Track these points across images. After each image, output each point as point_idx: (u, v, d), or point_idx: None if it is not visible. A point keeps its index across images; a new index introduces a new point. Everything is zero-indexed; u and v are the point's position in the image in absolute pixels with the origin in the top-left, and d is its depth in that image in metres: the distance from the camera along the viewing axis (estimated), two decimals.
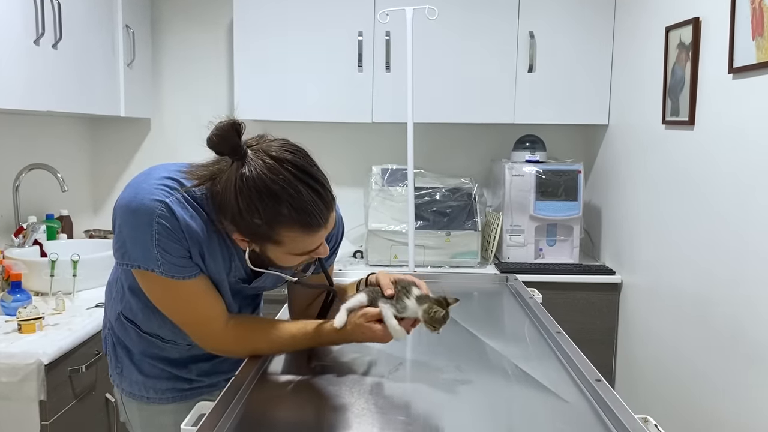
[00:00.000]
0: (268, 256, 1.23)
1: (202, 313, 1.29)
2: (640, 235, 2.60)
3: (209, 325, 1.30)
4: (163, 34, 3.26)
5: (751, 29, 1.79)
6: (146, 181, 1.22)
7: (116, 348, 1.45)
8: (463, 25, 2.92)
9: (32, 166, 2.57)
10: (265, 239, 1.18)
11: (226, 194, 1.14)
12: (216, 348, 1.34)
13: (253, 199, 1.12)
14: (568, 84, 2.95)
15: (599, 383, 1.21)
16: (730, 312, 1.93)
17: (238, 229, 1.18)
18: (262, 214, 1.13)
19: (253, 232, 1.17)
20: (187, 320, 1.30)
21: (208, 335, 1.31)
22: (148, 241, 1.18)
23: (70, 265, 2.19)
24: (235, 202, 1.13)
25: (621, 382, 2.79)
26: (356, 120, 2.97)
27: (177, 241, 1.20)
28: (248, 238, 1.20)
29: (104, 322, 1.49)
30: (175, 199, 1.20)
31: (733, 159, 1.92)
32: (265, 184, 1.12)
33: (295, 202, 1.14)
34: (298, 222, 1.15)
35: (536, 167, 2.91)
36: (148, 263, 1.20)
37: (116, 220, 1.22)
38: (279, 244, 1.18)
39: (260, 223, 1.14)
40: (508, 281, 2.16)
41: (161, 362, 1.42)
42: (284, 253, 1.21)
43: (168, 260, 1.20)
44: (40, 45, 2.15)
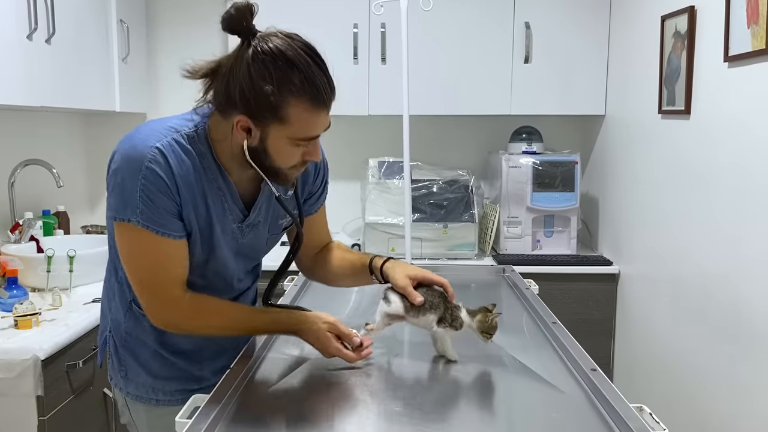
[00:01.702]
0: (268, 148, 1.21)
1: (165, 275, 1.26)
2: (637, 226, 2.60)
3: (168, 290, 1.26)
4: (158, 28, 3.25)
5: (746, 17, 1.78)
6: (146, 126, 1.26)
7: (119, 350, 1.42)
8: (458, 16, 2.90)
9: (27, 162, 2.57)
10: (271, 114, 1.17)
11: (237, 67, 1.16)
12: (167, 319, 1.29)
13: (266, 63, 1.14)
14: (564, 75, 2.95)
15: (595, 373, 1.21)
16: (727, 302, 1.93)
17: (244, 105, 1.17)
18: (274, 78, 1.14)
19: (261, 103, 1.16)
20: (148, 280, 1.26)
21: (163, 301, 1.27)
22: (132, 188, 1.19)
23: (66, 260, 2.19)
24: (247, 70, 1.15)
25: (619, 372, 2.80)
26: (352, 113, 2.96)
27: (165, 192, 1.21)
28: (253, 114, 1.17)
29: (102, 325, 1.47)
30: (170, 140, 1.22)
31: (730, 148, 1.92)
32: (280, 50, 1.15)
33: (307, 72, 1.16)
34: (307, 93, 1.16)
35: (533, 158, 2.90)
36: (125, 212, 1.20)
37: (109, 170, 1.24)
38: (283, 122, 1.18)
39: (270, 91, 1.14)
40: (505, 273, 2.16)
41: (174, 355, 1.40)
42: (286, 138, 1.20)
43: (150, 210, 1.20)
44: (33, 40, 2.14)
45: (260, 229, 1.40)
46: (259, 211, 1.37)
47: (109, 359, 1.45)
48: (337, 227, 3.25)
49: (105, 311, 1.45)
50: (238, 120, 1.19)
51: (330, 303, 1.80)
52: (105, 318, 1.45)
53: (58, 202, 2.91)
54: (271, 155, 1.23)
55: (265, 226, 1.41)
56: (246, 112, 1.17)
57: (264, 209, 1.38)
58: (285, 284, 2.02)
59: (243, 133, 1.21)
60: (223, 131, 1.25)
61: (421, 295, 1.33)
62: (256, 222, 1.38)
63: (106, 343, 1.45)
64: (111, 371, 1.46)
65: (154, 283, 1.26)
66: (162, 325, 1.31)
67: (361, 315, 1.67)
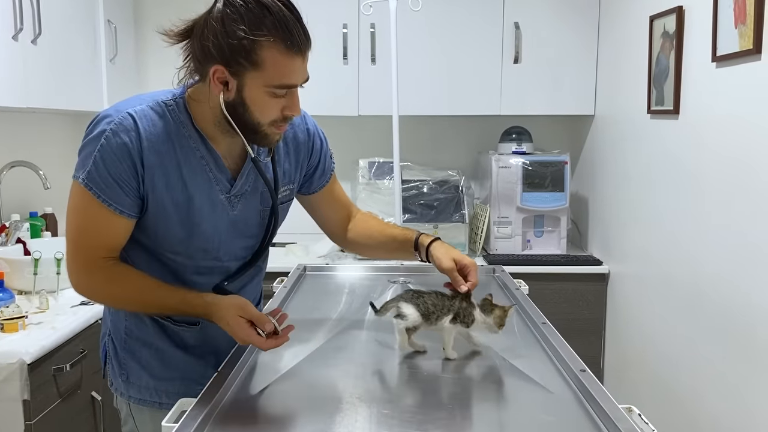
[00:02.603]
0: (246, 99, 1.20)
1: (91, 240, 1.26)
2: (627, 225, 2.61)
3: (91, 252, 1.26)
4: (146, 28, 3.23)
5: (734, 17, 1.79)
6: (130, 98, 1.30)
7: (119, 353, 1.40)
8: (448, 16, 2.90)
9: (14, 164, 2.54)
10: (246, 58, 1.16)
11: (210, 18, 1.17)
12: (82, 280, 1.28)
13: (238, 7, 1.15)
14: (553, 75, 2.95)
15: (584, 374, 1.21)
16: (717, 301, 1.93)
17: (218, 52, 1.16)
18: (246, 20, 1.14)
19: (234, 48, 1.15)
20: (76, 240, 1.27)
21: (84, 263, 1.26)
22: (91, 150, 1.21)
23: (53, 263, 2.17)
24: (220, 16, 1.15)
25: (609, 371, 2.80)
26: (342, 113, 2.95)
27: (125, 158, 1.21)
28: (228, 61, 1.17)
29: (102, 331, 1.45)
30: (144, 107, 1.25)
31: (718, 147, 1.92)
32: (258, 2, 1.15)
33: (279, 15, 1.15)
34: (280, 35, 1.16)
35: (523, 159, 2.90)
36: (78, 172, 1.22)
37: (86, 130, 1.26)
38: (258, 67, 1.16)
39: (243, 34, 1.14)
40: (495, 273, 2.16)
41: (178, 350, 1.38)
42: (263, 87, 1.19)
43: (99, 174, 1.20)
44: (18, 40, 2.12)
45: (250, 200, 1.37)
46: (246, 179, 1.34)
47: (109, 365, 1.43)
48: None
49: (105, 316, 1.45)
50: (215, 71, 1.18)
51: (321, 305, 1.79)
52: (105, 323, 1.44)
53: (46, 204, 2.89)
54: (249, 107, 1.20)
55: (255, 197, 1.37)
56: (221, 60, 1.17)
57: (253, 178, 1.36)
58: (274, 286, 2.01)
59: (219, 86, 1.19)
60: (204, 94, 1.24)
61: (465, 284, 1.36)
62: (243, 191, 1.35)
63: (106, 349, 1.43)
64: (112, 377, 1.43)
65: (80, 245, 1.26)
66: (77, 287, 1.29)
67: (353, 314, 1.66)
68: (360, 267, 2.22)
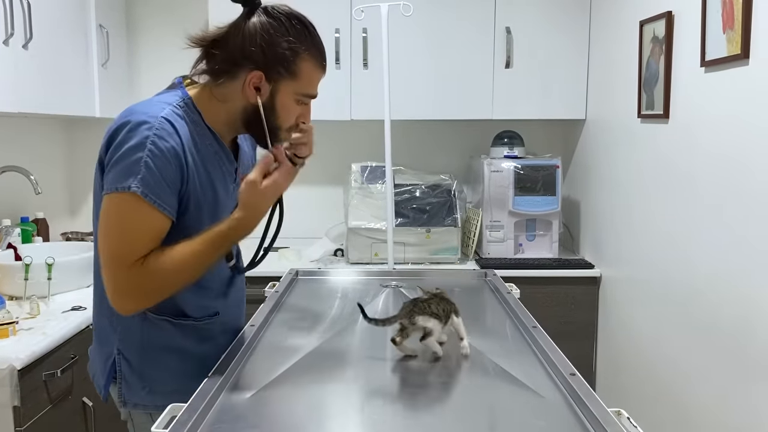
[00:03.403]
0: (276, 104, 1.30)
1: (139, 247, 1.22)
2: (618, 229, 2.62)
3: (135, 256, 1.22)
4: (139, 33, 3.23)
5: (722, 22, 1.81)
6: (140, 104, 1.31)
7: (136, 368, 1.37)
8: (439, 21, 2.92)
9: (4, 169, 2.54)
10: (285, 67, 1.27)
11: (250, 28, 1.26)
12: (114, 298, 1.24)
13: (283, 21, 1.27)
14: (545, 79, 2.96)
15: (574, 377, 1.22)
16: (709, 304, 1.95)
17: (260, 60, 1.26)
18: (291, 34, 1.27)
19: (277, 57, 1.26)
20: (123, 252, 1.21)
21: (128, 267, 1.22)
22: (138, 157, 1.20)
23: (44, 268, 2.16)
24: (263, 27, 1.26)
25: (601, 375, 2.81)
26: (335, 117, 2.96)
27: (174, 159, 1.24)
28: (268, 68, 1.27)
29: (105, 352, 1.40)
30: (169, 111, 1.28)
31: (708, 151, 1.94)
32: (293, 13, 1.29)
33: (316, 35, 1.32)
34: (316, 51, 1.31)
35: (514, 163, 2.91)
36: (126, 181, 1.20)
37: (110, 147, 1.23)
38: (294, 77, 1.29)
39: (287, 45, 1.26)
40: (487, 277, 2.17)
41: (206, 343, 1.41)
42: (293, 94, 1.30)
43: (152, 178, 1.21)
44: (9, 45, 2.11)
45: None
46: (242, 169, 1.43)
47: (122, 383, 1.37)
48: (319, 232, 3.24)
49: (106, 334, 1.38)
50: (251, 77, 1.27)
51: (312, 309, 1.79)
52: (107, 342, 1.38)
53: (37, 208, 2.88)
54: (278, 111, 1.31)
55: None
56: (262, 66, 1.27)
57: (246, 168, 1.45)
58: (266, 290, 2.01)
59: (254, 91, 1.28)
60: (224, 95, 1.32)
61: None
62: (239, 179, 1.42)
63: (114, 369, 1.37)
64: (127, 396, 1.38)
65: (125, 253, 1.22)
66: (126, 303, 1.25)
67: (346, 319, 1.66)
68: (352, 272, 2.22)
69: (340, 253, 3.02)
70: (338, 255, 3.01)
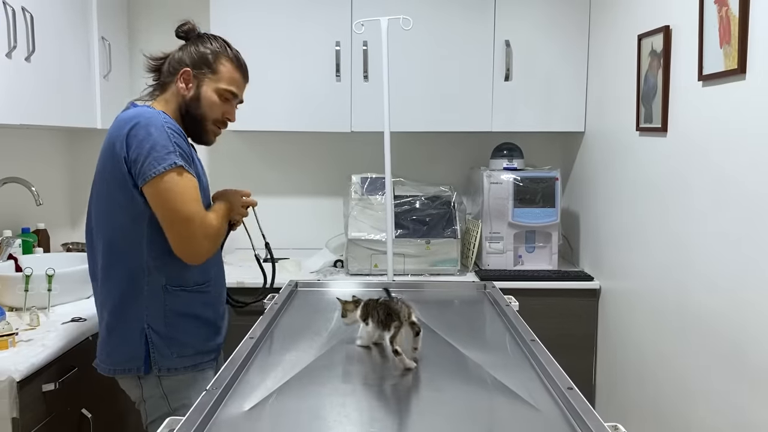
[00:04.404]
0: (201, 95, 1.71)
1: (201, 206, 1.63)
2: (617, 241, 2.62)
3: (204, 213, 1.64)
4: (140, 45, 3.25)
5: (719, 37, 1.82)
6: (132, 110, 1.64)
7: (164, 337, 1.68)
8: (439, 34, 2.94)
9: (6, 180, 2.55)
10: (208, 66, 1.71)
11: (188, 46, 1.74)
12: (196, 247, 1.63)
13: (210, 39, 1.75)
14: (544, 92, 2.98)
15: (571, 391, 1.22)
16: (708, 316, 1.95)
17: (190, 61, 1.71)
18: (214, 46, 1.74)
19: (202, 58, 1.71)
20: (195, 212, 1.60)
21: (194, 229, 1.60)
22: (166, 141, 1.57)
23: (44, 279, 2.17)
24: (196, 44, 1.74)
25: (601, 387, 2.81)
26: (335, 129, 2.97)
27: (185, 139, 1.65)
28: (196, 65, 1.70)
29: (135, 328, 1.67)
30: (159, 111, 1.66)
31: (706, 165, 1.95)
32: (217, 36, 1.79)
33: (236, 52, 1.78)
34: (234, 60, 1.76)
35: (514, 174, 2.92)
36: (169, 160, 1.56)
37: (136, 142, 1.56)
38: (215, 73, 1.72)
39: (210, 50, 1.72)
40: (486, 289, 2.17)
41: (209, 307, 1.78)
42: (215, 89, 1.72)
43: (184, 153, 1.60)
44: (12, 58, 2.13)
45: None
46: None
47: (154, 353, 1.68)
48: (319, 243, 3.25)
49: (133, 317, 1.67)
50: (183, 71, 1.70)
51: (312, 322, 1.80)
52: (135, 321, 1.67)
53: (38, 219, 2.89)
54: (202, 101, 1.71)
55: None
56: (190, 65, 1.70)
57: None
58: (266, 302, 2.01)
59: (184, 84, 1.70)
60: (170, 97, 1.73)
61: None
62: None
63: (148, 343, 1.67)
64: (160, 362, 1.68)
65: (197, 211, 1.61)
66: (192, 253, 1.63)
67: (344, 331, 1.67)
68: (352, 283, 2.23)
69: (339, 264, 3.02)
70: (338, 266, 3.01)
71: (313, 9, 2.90)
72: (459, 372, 1.39)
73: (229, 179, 3.26)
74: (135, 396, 1.76)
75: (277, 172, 3.34)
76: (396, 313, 1.44)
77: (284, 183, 3.37)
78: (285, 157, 3.35)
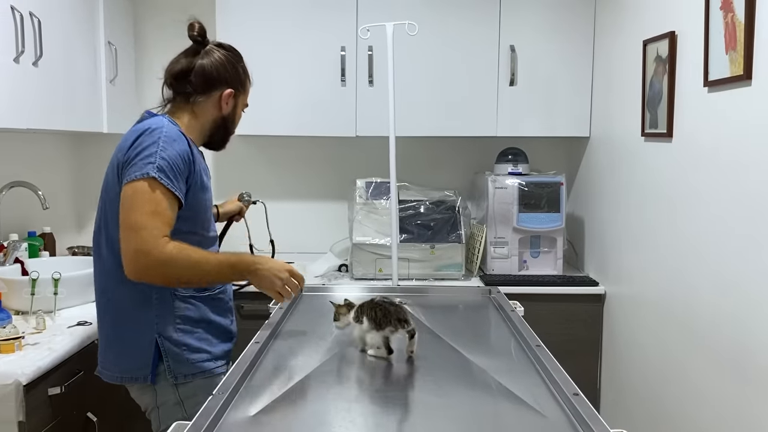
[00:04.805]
0: (236, 112, 1.80)
1: (162, 222, 1.54)
2: (622, 247, 2.62)
3: (162, 231, 1.54)
4: (146, 50, 3.26)
5: (725, 43, 1.82)
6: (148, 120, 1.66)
7: (179, 342, 1.66)
8: (444, 39, 2.94)
9: (13, 184, 2.56)
10: (242, 84, 1.78)
11: (218, 59, 1.74)
12: (130, 258, 1.52)
13: (234, 52, 1.80)
14: (549, 97, 2.98)
15: (577, 397, 1.22)
16: (714, 321, 1.94)
17: (229, 81, 1.74)
18: (240, 60, 1.80)
19: (239, 77, 1.77)
20: (147, 224, 1.51)
21: (156, 240, 1.52)
22: (153, 149, 1.55)
23: (51, 283, 2.18)
24: (226, 59, 1.75)
25: (606, 393, 2.80)
26: (340, 134, 2.98)
27: (187, 153, 1.61)
28: (234, 85, 1.75)
29: (144, 341, 1.66)
30: (168, 121, 1.66)
31: (711, 171, 1.94)
32: (233, 47, 1.83)
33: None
34: (248, 74, 1.83)
35: (519, 179, 2.92)
36: (144, 169, 1.53)
37: (133, 146, 1.57)
38: (245, 91, 1.81)
39: (242, 69, 1.79)
40: (491, 294, 2.17)
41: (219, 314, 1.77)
42: (242, 105, 1.82)
43: (162, 169, 1.54)
44: (20, 63, 2.14)
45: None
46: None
47: (168, 362, 1.66)
48: (324, 247, 3.25)
49: (141, 326, 1.66)
50: (227, 93, 1.74)
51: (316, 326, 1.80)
52: (144, 332, 1.66)
53: (44, 223, 2.90)
54: (235, 119, 1.81)
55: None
56: (231, 85, 1.74)
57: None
58: (270, 306, 2.02)
59: (227, 104, 1.75)
60: (200, 111, 1.73)
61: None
62: None
63: (157, 353, 1.66)
64: (176, 369, 1.67)
65: (152, 226, 1.52)
66: (149, 264, 1.52)
67: (349, 336, 1.67)
68: (356, 287, 2.23)
69: (344, 268, 3.02)
70: (342, 270, 3.01)
71: (319, 14, 2.91)
72: (464, 377, 1.39)
73: (234, 184, 3.26)
74: (146, 403, 1.74)
75: (281, 177, 3.35)
76: (391, 314, 1.49)
77: (289, 187, 3.38)
78: (290, 161, 3.36)
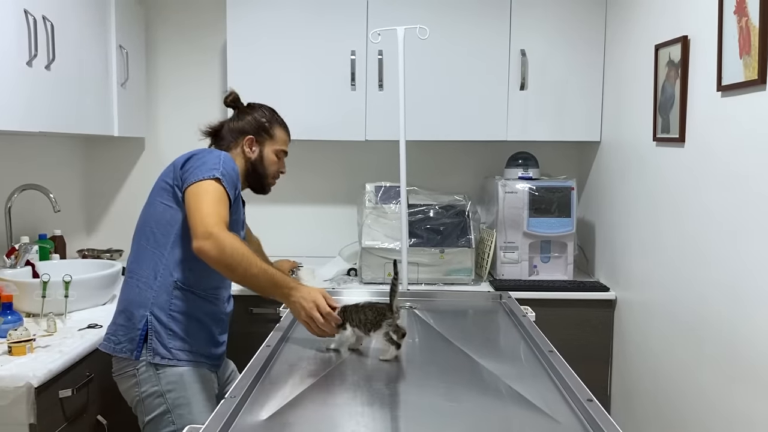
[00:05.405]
0: (264, 156, 2.06)
1: (223, 213, 1.75)
2: (633, 252, 2.60)
3: (223, 220, 1.72)
4: (157, 54, 3.28)
5: (739, 48, 1.81)
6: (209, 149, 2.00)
7: (166, 326, 1.83)
8: (455, 43, 2.94)
9: (24, 187, 2.57)
10: (266, 132, 2.06)
11: (244, 117, 2.07)
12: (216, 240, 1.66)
13: (263, 110, 2.10)
14: (560, 101, 2.97)
15: (591, 403, 1.21)
16: (724, 328, 1.93)
17: (252, 129, 2.05)
18: (267, 115, 2.09)
19: (260, 126, 2.06)
20: (212, 211, 1.71)
21: (218, 226, 1.68)
22: (216, 162, 1.82)
23: (61, 285, 2.18)
24: (253, 114, 2.08)
25: (616, 398, 2.78)
26: (350, 138, 2.98)
27: (233, 170, 1.86)
28: (257, 133, 2.05)
29: (138, 315, 1.84)
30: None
31: (724, 176, 1.93)
32: (267, 106, 2.14)
33: (279, 116, 2.14)
34: (283, 124, 2.13)
35: (529, 184, 2.91)
36: (210, 172, 1.79)
37: (192, 160, 1.84)
38: (272, 138, 2.07)
39: (265, 120, 2.07)
40: (501, 299, 2.16)
41: (208, 317, 1.91)
42: (273, 150, 2.07)
43: (224, 175, 1.80)
44: (33, 66, 2.15)
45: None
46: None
47: (152, 337, 1.81)
48: (333, 251, 3.25)
49: (140, 303, 1.85)
50: (248, 138, 2.04)
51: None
52: (144, 303, 1.84)
53: (55, 226, 2.91)
54: (264, 161, 2.07)
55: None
56: (253, 133, 2.05)
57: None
58: (280, 310, 2.01)
59: (249, 148, 2.04)
60: (238, 156, 2.03)
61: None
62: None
63: (146, 328, 1.82)
64: (155, 345, 1.81)
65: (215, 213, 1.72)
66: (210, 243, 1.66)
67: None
68: (365, 291, 2.23)
69: (353, 272, 3.02)
70: (351, 275, 3.01)
71: (329, 19, 2.91)
72: (475, 382, 1.38)
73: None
74: (132, 395, 1.85)
75: (291, 180, 3.35)
76: (384, 312, 1.56)
77: (298, 191, 3.38)
78: (299, 165, 3.36)
